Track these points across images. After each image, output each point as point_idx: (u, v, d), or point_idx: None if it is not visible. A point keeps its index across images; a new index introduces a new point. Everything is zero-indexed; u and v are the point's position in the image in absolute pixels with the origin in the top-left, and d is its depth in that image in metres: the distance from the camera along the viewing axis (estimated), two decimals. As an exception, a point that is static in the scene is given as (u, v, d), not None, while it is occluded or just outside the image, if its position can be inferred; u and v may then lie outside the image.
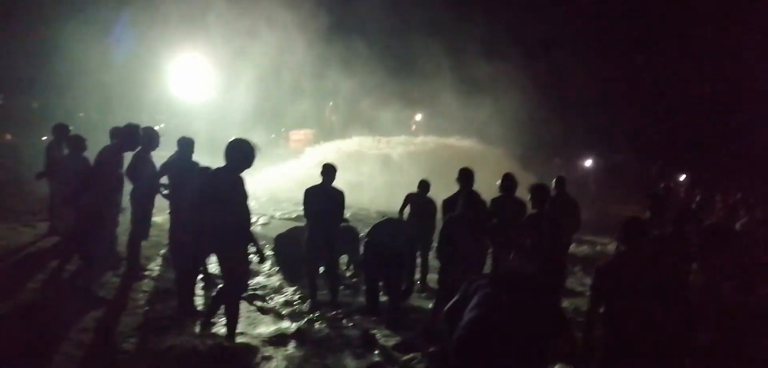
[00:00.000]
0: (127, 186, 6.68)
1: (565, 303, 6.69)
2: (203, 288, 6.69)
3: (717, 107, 26.71)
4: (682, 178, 26.77)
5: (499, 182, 6.58)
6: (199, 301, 6.25)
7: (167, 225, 6.86)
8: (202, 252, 6.12)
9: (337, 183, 6.58)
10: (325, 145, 23.65)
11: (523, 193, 6.28)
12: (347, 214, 7.68)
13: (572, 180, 10.24)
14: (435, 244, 6.24)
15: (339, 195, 6.48)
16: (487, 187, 6.44)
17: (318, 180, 6.53)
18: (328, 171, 6.53)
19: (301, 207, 6.57)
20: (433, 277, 7.31)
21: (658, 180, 23.76)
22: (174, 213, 6.46)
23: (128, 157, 6.58)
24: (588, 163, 35.19)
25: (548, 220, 5.57)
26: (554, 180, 7.82)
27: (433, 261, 6.96)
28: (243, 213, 4.96)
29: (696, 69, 26.59)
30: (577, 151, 33.90)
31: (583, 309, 5.62)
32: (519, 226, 5.70)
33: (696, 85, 26.78)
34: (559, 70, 29.22)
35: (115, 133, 7.09)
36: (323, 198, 6.42)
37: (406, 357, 5.12)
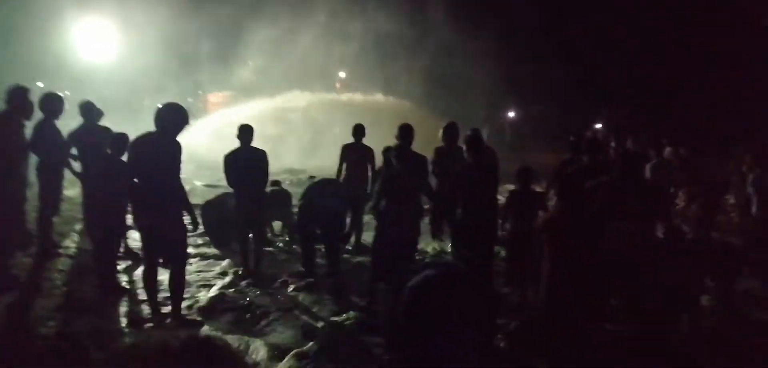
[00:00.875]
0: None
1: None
2: (125, 263, 6.35)
3: (631, 58, 27.92)
4: (598, 126, 28.17)
5: (440, 133, 6.58)
6: (122, 278, 5.93)
7: (81, 198, 6.43)
8: (122, 224, 5.75)
9: (261, 144, 6.32)
10: (247, 104, 22.88)
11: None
12: (279, 178, 7.46)
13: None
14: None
15: (260, 155, 6.20)
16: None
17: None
18: (245, 131, 6.22)
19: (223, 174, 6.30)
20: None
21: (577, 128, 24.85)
22: (87, 184, 6.04)
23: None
24: (511, 113, 36.30)
25: (484, 168, 5.52)
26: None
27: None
28: (180, 180, 4.77)
29: (612, 20, 27.59)
30: (500, 103, 34.79)
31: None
32: (457, 175, 5.63)
33: (611, 35, 27.85)
34: (480, 23, 29.62)
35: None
36: (244, 161, 6.15)
37: (343, 320, 4.99)
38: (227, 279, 6.16)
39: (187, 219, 4.96)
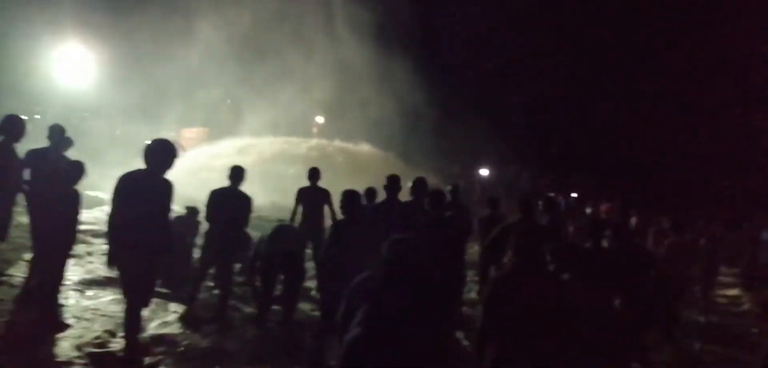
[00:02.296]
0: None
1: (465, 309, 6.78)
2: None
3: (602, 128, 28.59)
4: (574, 195, 28.58)
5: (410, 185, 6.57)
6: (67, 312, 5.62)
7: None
8: (65, 255, 5.47)
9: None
10: (221, 143, 22.75)
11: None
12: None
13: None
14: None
15: (246, 201, 6.12)
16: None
17: (207, 178, 6.14)
18: (236, 173, 6.16)
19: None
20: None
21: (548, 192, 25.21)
22: (36, 211, 5.76)
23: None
24: (483, 172, 36.70)
25: (445, 223, 5.53)
26: (450, 187, 7.99)
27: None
28: (168, 221, 4.63)
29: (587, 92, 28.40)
30: (474, 161, 35.23)
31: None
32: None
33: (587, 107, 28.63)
34: (463, 85, 30.34)
35: None
36: (229, 202, 6.04)
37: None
38: (173, 319, 5.90)
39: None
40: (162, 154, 4.49)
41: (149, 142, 4.55)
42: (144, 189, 4.39)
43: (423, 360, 3.02)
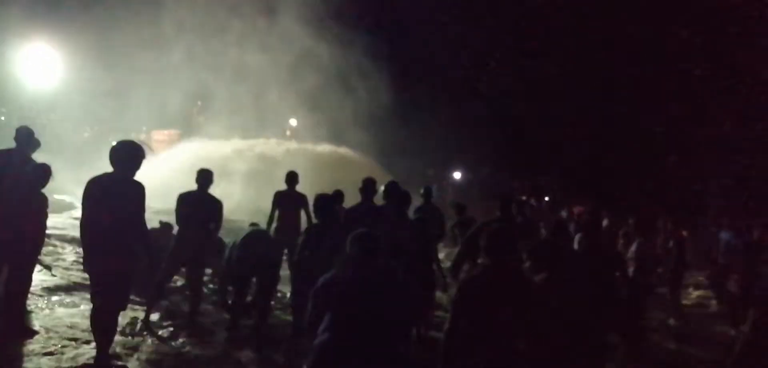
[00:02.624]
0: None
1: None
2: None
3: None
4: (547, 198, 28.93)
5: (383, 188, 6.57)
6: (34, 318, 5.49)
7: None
8: (31, 262, 5.34)
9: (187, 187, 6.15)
10: (189, 145, 22.50)
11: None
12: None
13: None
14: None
15: (217, 205, 6.05)
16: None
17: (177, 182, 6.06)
18: (204, 176, 6.07)
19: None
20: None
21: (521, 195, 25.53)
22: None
23: None
24: (456, 174, 36.97)
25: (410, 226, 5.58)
26: (422, 189, 8.02)
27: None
28: (144, 222, 4.56)
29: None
30: (448, 164, 35.52)
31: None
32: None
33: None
34: (437, 86, 30.48)
35: None
36: (199, 207, 5.97)
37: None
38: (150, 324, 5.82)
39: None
40: (128, 156, 4.42)
41: (115, 145, 4.48)
42: (116, 193, 4.32)
43: (387, 361, 3.07)
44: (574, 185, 27.10)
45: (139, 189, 4.47)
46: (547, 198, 28.61)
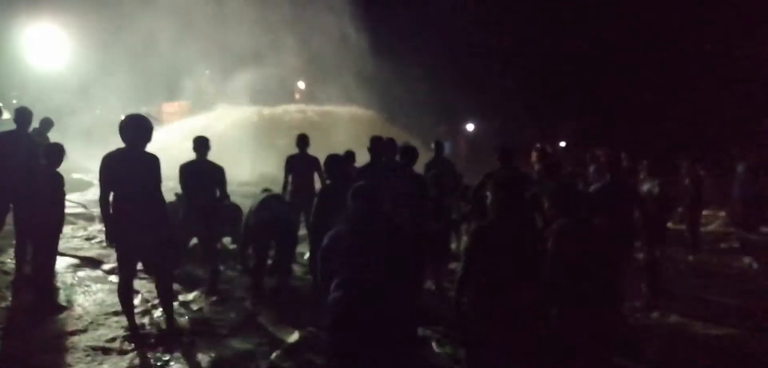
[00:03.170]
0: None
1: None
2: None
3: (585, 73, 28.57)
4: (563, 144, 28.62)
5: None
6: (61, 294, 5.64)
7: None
8: (54, 239, 5.44)
9: (215, 157, 6.16)
10: (200, 116, 22.58)
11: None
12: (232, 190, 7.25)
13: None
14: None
15: (217, 172, 6.05)
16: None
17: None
18: (200, 144, 6.08)
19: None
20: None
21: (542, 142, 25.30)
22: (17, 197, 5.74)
23: None
24: (469, 127, 36.69)
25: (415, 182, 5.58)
26: (433, 144, 8.01)
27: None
28: (161, 193, 4.65)
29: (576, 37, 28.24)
30: (462, 117, 35.26)
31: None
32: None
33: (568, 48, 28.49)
34: (444, 40, 30.06)
35: None
36: (198, 175, 5.97)
37: (291, 339, 4.90)
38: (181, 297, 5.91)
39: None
40: (136, 129, 4.48)
41: (122, 119, 4.53)
42: (131, 167, 4.40)
43: (398, 313, 3.12)
44: (593, 128, 26.80)
45: (154, 161, 4.53)
46: (562, 144, 28.33)
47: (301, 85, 31.47)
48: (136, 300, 5.25)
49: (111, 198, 4.41)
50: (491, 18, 30.51)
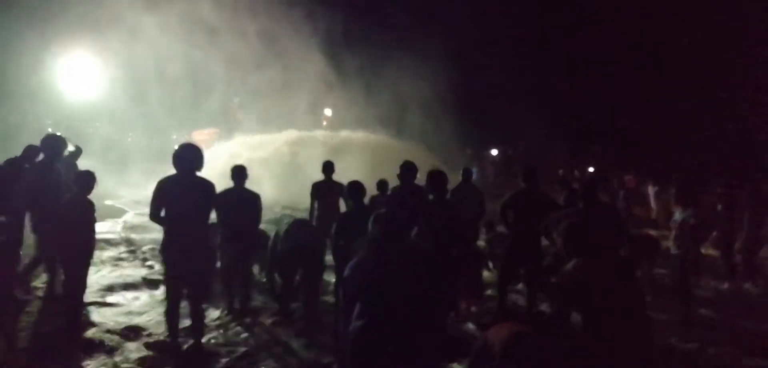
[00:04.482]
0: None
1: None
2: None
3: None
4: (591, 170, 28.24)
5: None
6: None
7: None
8: (84, 265, 5.53)
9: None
10: (232, 142, 22.90)
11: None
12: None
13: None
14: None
15: (254, 200, 6.12)
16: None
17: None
18: (238, 173, 6.18)
19: None
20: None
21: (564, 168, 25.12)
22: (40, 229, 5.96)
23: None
24: (494, 152, 36.51)
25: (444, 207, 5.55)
26: (462, 170, 8.02)
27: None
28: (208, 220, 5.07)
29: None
30: (486, 142, 35.18)
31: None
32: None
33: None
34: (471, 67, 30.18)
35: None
36: (237, 204, 6.03)
37: (324, 362, 4.90)
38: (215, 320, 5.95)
39: None
40: (193, 156, 4.84)
41: (178, 148, 4.92)
42: (187, 191, 4.75)
43: (422, 342, 3.05)
44: (624, 153, 26.42)
45: (210, 186, 4.89)
46: (591, 170, 27.95)
47: (328, 111, 31.78)
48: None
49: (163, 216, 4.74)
50: (523, 47, 30.61)
